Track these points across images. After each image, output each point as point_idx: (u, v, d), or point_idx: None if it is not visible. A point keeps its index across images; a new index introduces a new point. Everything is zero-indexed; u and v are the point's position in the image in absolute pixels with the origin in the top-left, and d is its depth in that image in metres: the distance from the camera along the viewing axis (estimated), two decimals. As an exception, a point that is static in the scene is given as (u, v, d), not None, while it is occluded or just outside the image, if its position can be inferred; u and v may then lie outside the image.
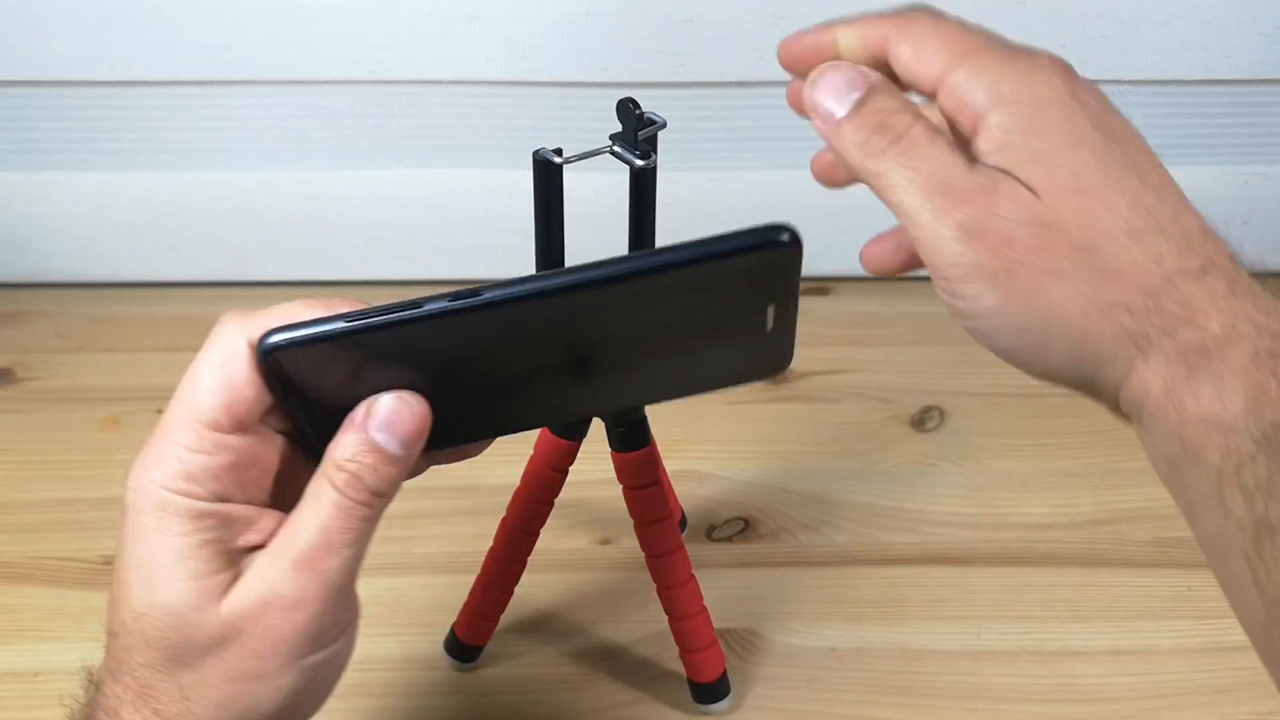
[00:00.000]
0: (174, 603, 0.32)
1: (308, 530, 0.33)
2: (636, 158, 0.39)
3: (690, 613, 0.51)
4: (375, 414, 0.33)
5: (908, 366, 0.75)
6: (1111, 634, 0.58)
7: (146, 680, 0.33)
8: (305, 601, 0.32)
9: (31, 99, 0.73)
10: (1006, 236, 0.31)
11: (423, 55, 0.71)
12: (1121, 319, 0.30)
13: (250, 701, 0.33)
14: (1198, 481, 0.29)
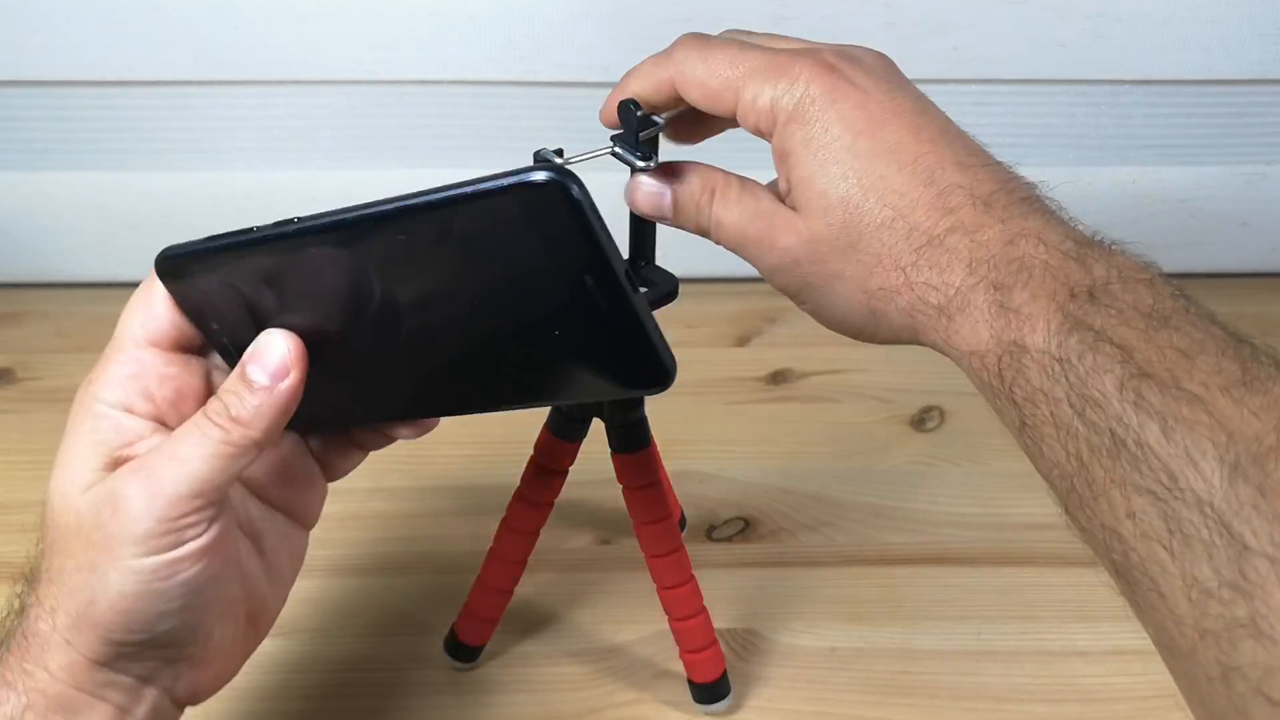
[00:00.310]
0: (54, 489, 0.37)
1: (167, 443, 0.36)
2: (638, 159, 0.39)
3: (690, 613, 0.51)
4: (251, 349, 0.37)
5: (908, 366, 0.75)
6: (1112, 634, 0.58)
7: (36, 564, 0.38)
8: (131, 499, 0.35)
9: (31, 99, 0.73)
10: (793, 260, 0.38)
11: (423, 55, 0.71)
12: (892, 299, 0.36)
13: (89, 593, 0.35)
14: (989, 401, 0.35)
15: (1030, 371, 0.32)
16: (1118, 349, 0.31)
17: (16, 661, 0.36)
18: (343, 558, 0.61)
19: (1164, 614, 0.30)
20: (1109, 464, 0.30)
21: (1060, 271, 0.33)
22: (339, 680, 0.56)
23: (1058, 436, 0.32)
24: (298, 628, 0.58)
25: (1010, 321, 0.33)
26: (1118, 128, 0.75)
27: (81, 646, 0.36)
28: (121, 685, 0.37)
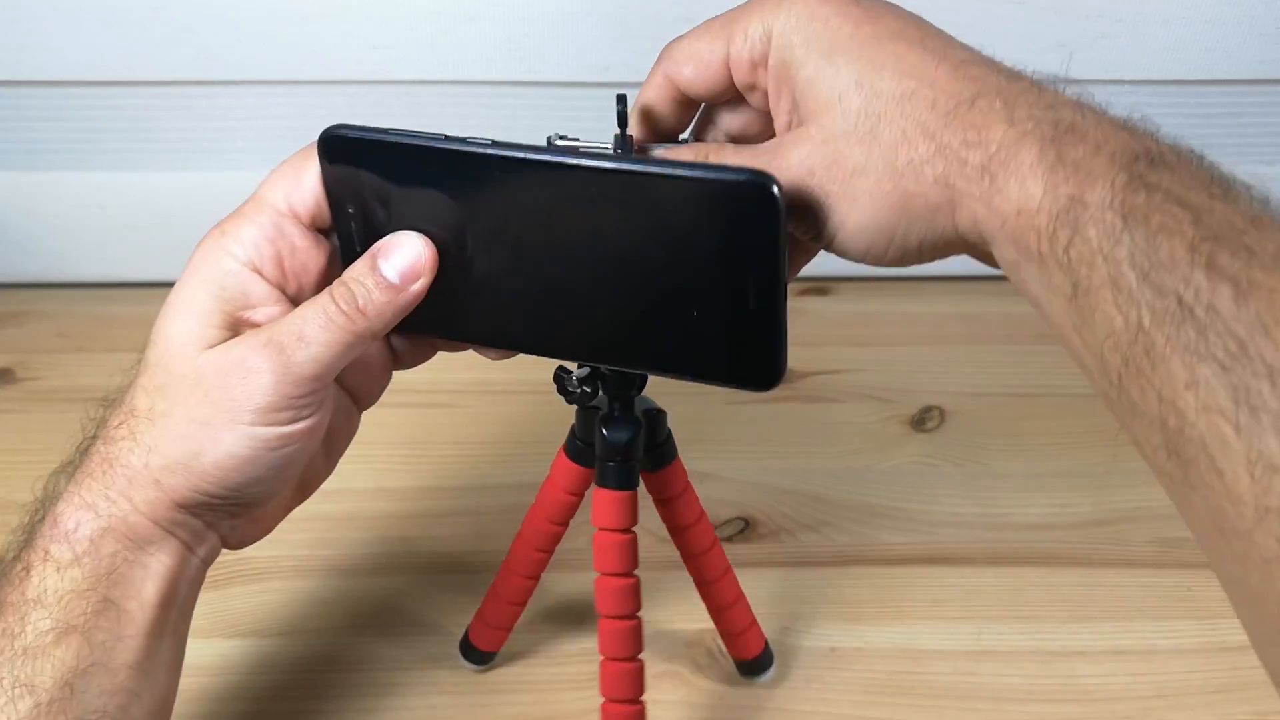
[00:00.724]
0: (172, 335, 0.38)
1: (291, 320, 0.38)
2: None
3: (730, 601, 0.52)
4: (386, 246, 0.38)
5: (908, 366, 0.75)
6: (1111, 634, 0.58)
7: (136, 398, 0.39)
8: (261, 372, 0.37)
9: (31, 99, 0.73)
10: (807, 170, 0.35)
11: (423, 55, 0.71)
12: (923, 171, 0.34)
13: (195, 446, 0.38)
14: (1031, 271, 0.32)
15: (1089, 230, 0.30)
16: (1188, 212, 0.29)
17: (99, 486, 0.38)
18: (343, 558, 0.61)
19: (1220, 493, 0.27)
20: (1172, 330, 0.28)
21: (1113, 134, 0.32)
22: (339, 680, 0.56)
23: (1116, 301, 0.30)
24: (297, 628, 0.58)
25: (1068, 176, 0.31)
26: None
27: (170, 489, 0.38)
28: (191, 526, 0.39)
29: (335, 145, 0.38)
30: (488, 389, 0.72)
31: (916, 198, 0.34)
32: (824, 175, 0.35)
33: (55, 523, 0.38)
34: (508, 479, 0.66)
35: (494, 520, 0.63)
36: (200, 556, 0.41)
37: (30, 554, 0.38)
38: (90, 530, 0.38)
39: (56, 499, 0.39)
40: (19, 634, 0.37)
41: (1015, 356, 0.76)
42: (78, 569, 0.37)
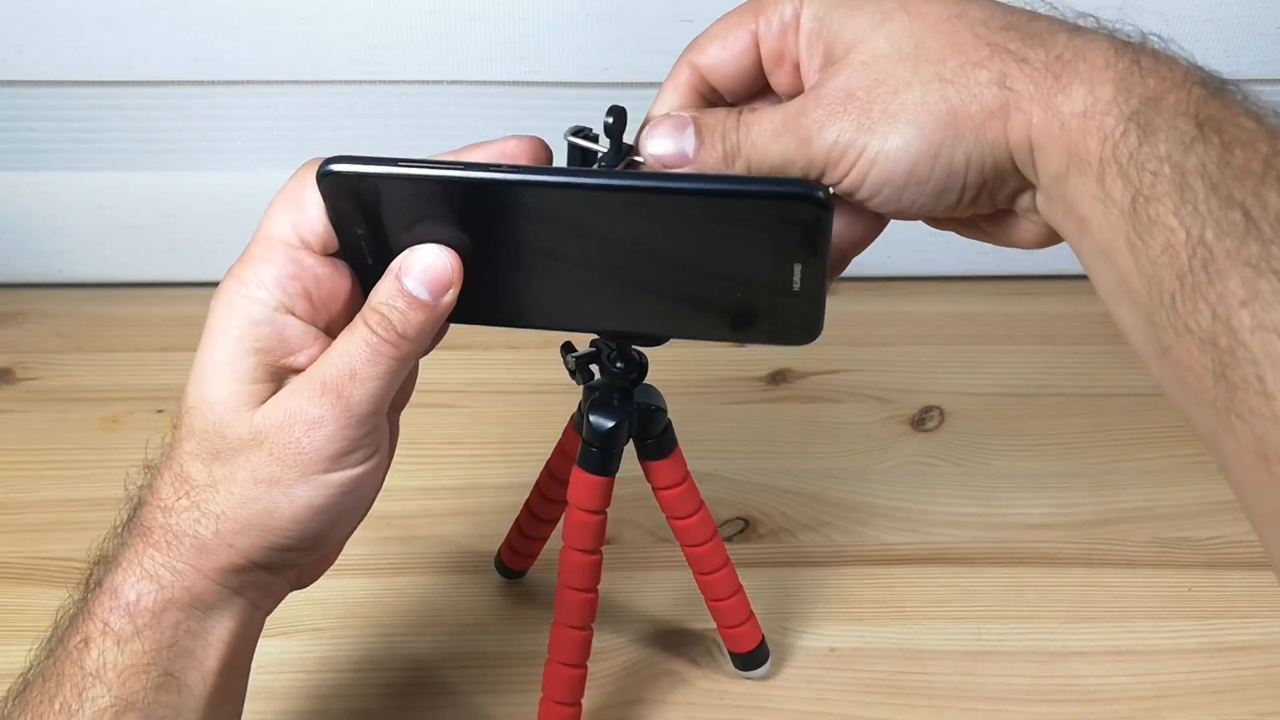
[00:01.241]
0: (217, 399, 0.37)
1: (337, 359, 0.37)
2: None
3: (729, 593, 0.52)
4: (410, 263, 0.37)
5: (908, 366, 0.75)
6: (1111, 634, 0.58)
7: (187, 466, 0.37)
8: (325, 421, 0.36)
9: (31, 99, 0.73)
10: (846, 94, 0.33)
11: (423, 55, 0.71)
12: (977, 75, 0.32)
13: (269, 504, 0.37)
14: (1084, 184, 0.31)
15: (1159, 136, 0.29)
16: (1263, 128, 0.28)
17: (163, 558, 0.37)
18: (343, 558, 0.61)
19: (1268, 418, 0.26)
20: (1234, 245, 0.27)
21: (1181, 56, 0.30)
22: (339, 680, 0.56)
23: (1179, 213, 0.28)
24: (297, 627, 0.58)
25: (1144, 80, 0.30)
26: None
27: (245, 550, 0.37)
28: (261, 582, 0.39)
29: (333, 179, 0.37)
30: (488, 389, 0.72)
31: (967, 105, 0.32)
32: (865, 96, 0.33)
33: (115, 594, 0.36)
34: (508, 479, 0.66)
35: (494, 520, 0.63)
36: (265, 609, 0.40)
37: (89, 625, 0.36)
38: (152, 602, 0.36)
39: (114, 568, 0.37)
40: (76, 711, 0.35)
41: (1015, 356, 0.76)
42: (138, 642, 0.36)
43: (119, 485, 0.57)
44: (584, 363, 0.45)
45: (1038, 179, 0.32)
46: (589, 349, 0.46)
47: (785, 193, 0.35)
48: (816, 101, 0.34)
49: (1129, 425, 0.70)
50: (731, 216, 0.36)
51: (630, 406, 0.46)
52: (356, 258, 0.39)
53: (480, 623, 0.59)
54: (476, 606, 0.59)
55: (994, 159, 0.33)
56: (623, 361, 0.45)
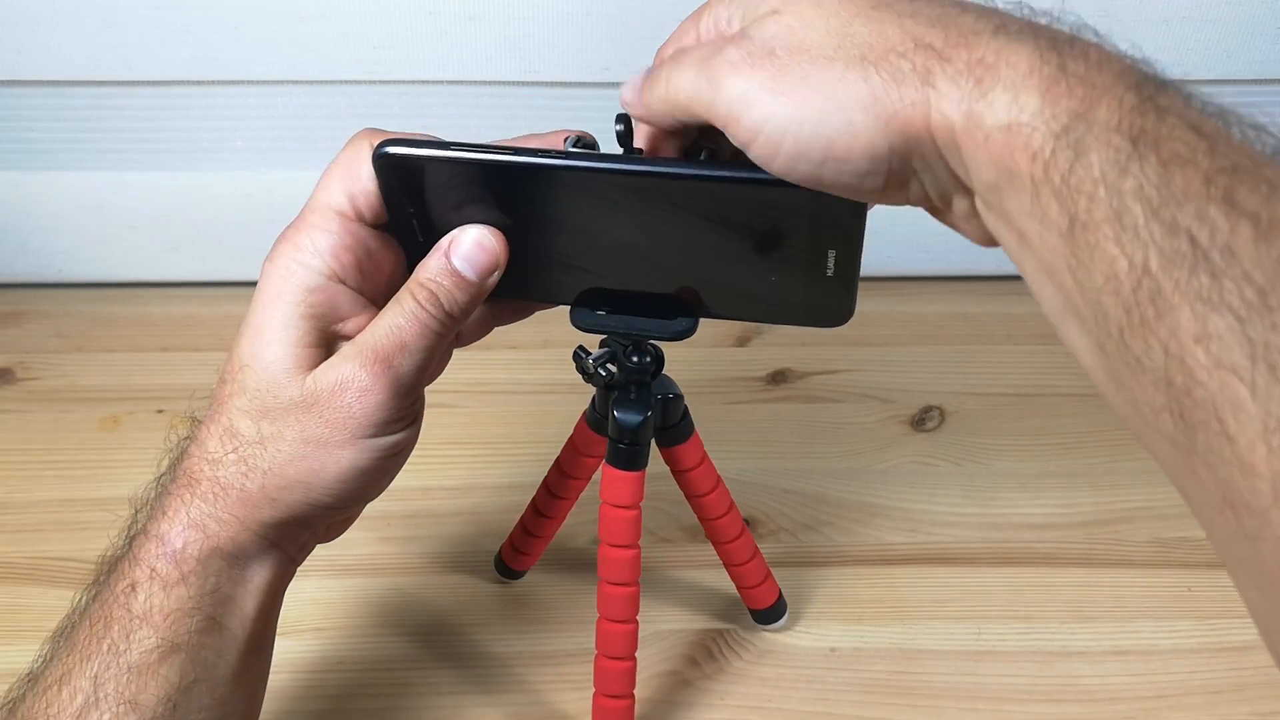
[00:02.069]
0: (271, 360, 0.38)
1: (386, 330, 0.38)
2: None
3: (747, 557, 0.55)
4: (458, 243, 0.39)
5: (908, 366, 0.75)
6: (1111, 634, 0.58)
7: (236, 421, 0.39)
8: (375, 390, 0.38)
9: (31, 99, 0.72)
10: (766, 51, 0.32)
11: (423, 55, 0.71)
12: (899, 64, 0.30)
13: (315, 464, 0.38)
14: (1019, 200, 0.28)
15: (1093, 155, 0.26)
16: (1203, 140, 0.26)
17: (208, 508, 0.38)
18: (343, 558, 0.61)
19: (1231, 464, 0.24)
20: (1182, 275, 0.25)
21: (1114, 54, 0.28)
22: (340, 680, 0.56)
23: (1119, 240, 0.26)
24: (298, 627, 0.58)
25: (1071, 89, 0.27)
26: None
27: (287, 506, 0.39)
28: (298, 536, 0.40)
29: (388, 160, 0.38)
30: (488, 389, 0.72)
31: (889, 93, 0.30)
32: (784, 58, 0.31)
33: (162, 540, 0.38)
34: (508, 479, 0.66)
35: (494, 520, 0.63)
36: (297, 562, 0.42)
37: (136, 570, 0.38)
38: (198, 550, 0.38)
39: (159, 516, 0.39)
40: (124, 651, 0.37)
41: (1015, 356, 0.76)
42: (183, 587, 0.38)
43: (119, 485, 0.58)
44: (601, 362, 0.46)
45: (972, 184, 0.31)
46: (602, 349, 0.46)
47: None
48: (736, 44, 0.32)
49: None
50: (772, 204, 0.37)
51: (651, 399, 0.47)
52: (405, 234, 0.40)
53: (481, 623, 0.59)
54: (477, 607, 0.59)
55: (920, 152, 0.31)
56: (639, 355, 0.45)
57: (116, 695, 0.37)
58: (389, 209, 0.39)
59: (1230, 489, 0.25)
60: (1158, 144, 0.26)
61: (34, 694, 0.37)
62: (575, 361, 0.46)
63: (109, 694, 0.37)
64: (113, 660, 0.37)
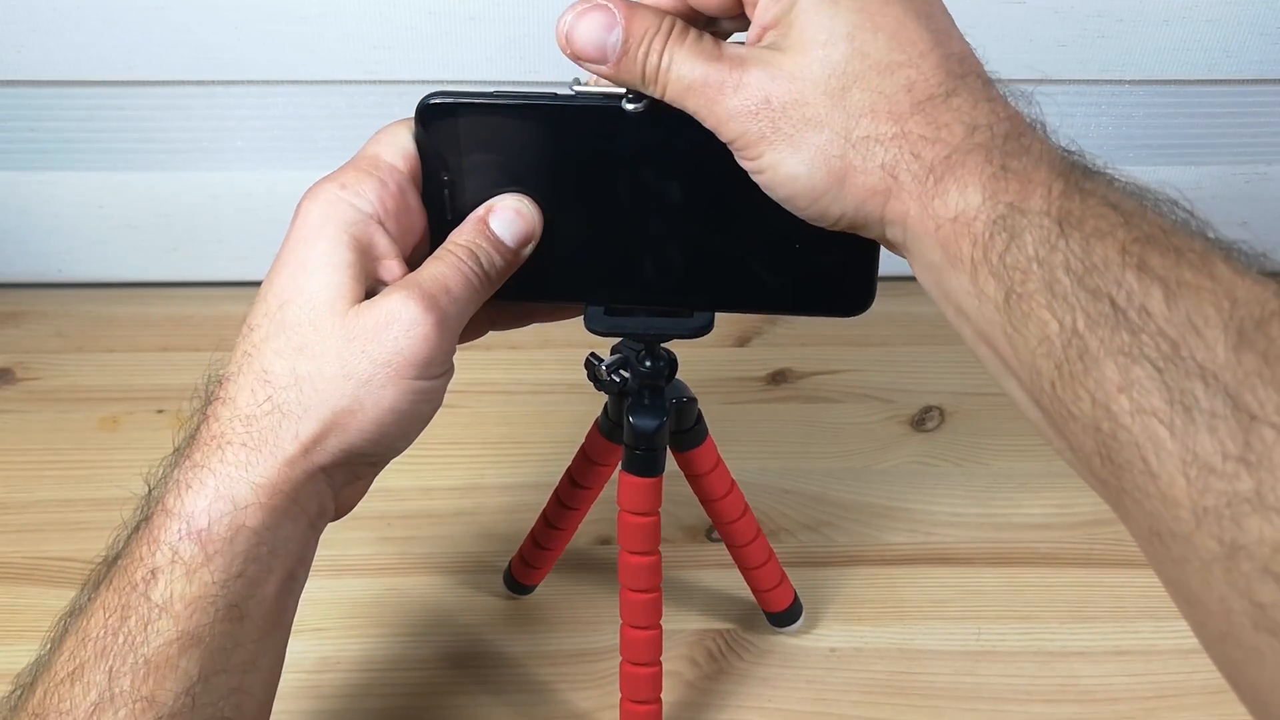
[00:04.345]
0: (316, 290, 0.37)
1: (431, 274, 0.38)
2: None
3: (762, 561, 0.55)
4: (497, 210, 0.40)
5: (908, 366, 0.75)
6: (1111, 634, 0.58)
7: (269, 365, 0.37)
8: (422, 324, 0.37)
9: (31, 99, 0.73)
10: (762, 98, 0.34)
11: (423, 55, 0.71)
12: (875, 151, 0.33)
13: (354, 402, 0.37)
14: (959, 279, 0.32)
15: (1026, 237, 0.31)
16: (1119, 214, 0.30)
17: (242, 474, 0.37)
18: (343, 558, 0.61)
19: (1155, 497, 0.27)
20: (1106, 333, 0.28)
21: (1058, 151, 0.32)
22: (340, 680, 0.56)
23: (1050, 306, 0.30)
24: (299, 628, 0.57)
25: (1009, 184, 0.31)
26: (1118, 128, 0.75)
27: (319, 453, 0.37)
28: (322, 494, 0.39)
29: (433, 112, 0.38)
30: (488, 389, 0.72)
31: (858, 174, 0.34)
32: (780, 112, 0.34)
33: (188, 519, 0.36)
34: (508, 479, 0.66)
35: (495, 521, 0.63)
36: (318, 530, 0.40)
37: (157, 554, 0.36)
38: (224, 527, 0.36)
39: (182, 491, 0.37)
40: (141, 644, 0.36)
41: (1015, 356, 0.76)
42: (207, 571, 0.36)
43: (119, 485, 0.58)
44: (615, 369, 0.45)
45: (911, 257, 0.35)
46: (614, 356, 0.46)
47: None
48: (735, 88, 0.34)
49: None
50: None
51: (665, 404, 0.46)
52: (436, 203, 0.40)
53: (481, 623, 0.59)
54: (477, 607, 0.59)
55: (868, 223, 0.35)
56: (652, 360, 0.45)
57: (133, 691, 0.35)
58: (425, 172, 0.39)
59: (1156, 519, 0.28)
60: (1081, 222, 0.30)
61: (45, 686, 0.36)
62: (587, 369, 0.46)
63: (124, 690, 0.35)
64: (129, 653, 0.35)
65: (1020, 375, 0.32)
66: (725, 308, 0.42)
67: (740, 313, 0.43)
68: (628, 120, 0.37)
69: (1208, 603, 0.28)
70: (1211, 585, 0.27)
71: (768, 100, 0.34)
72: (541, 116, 0.38)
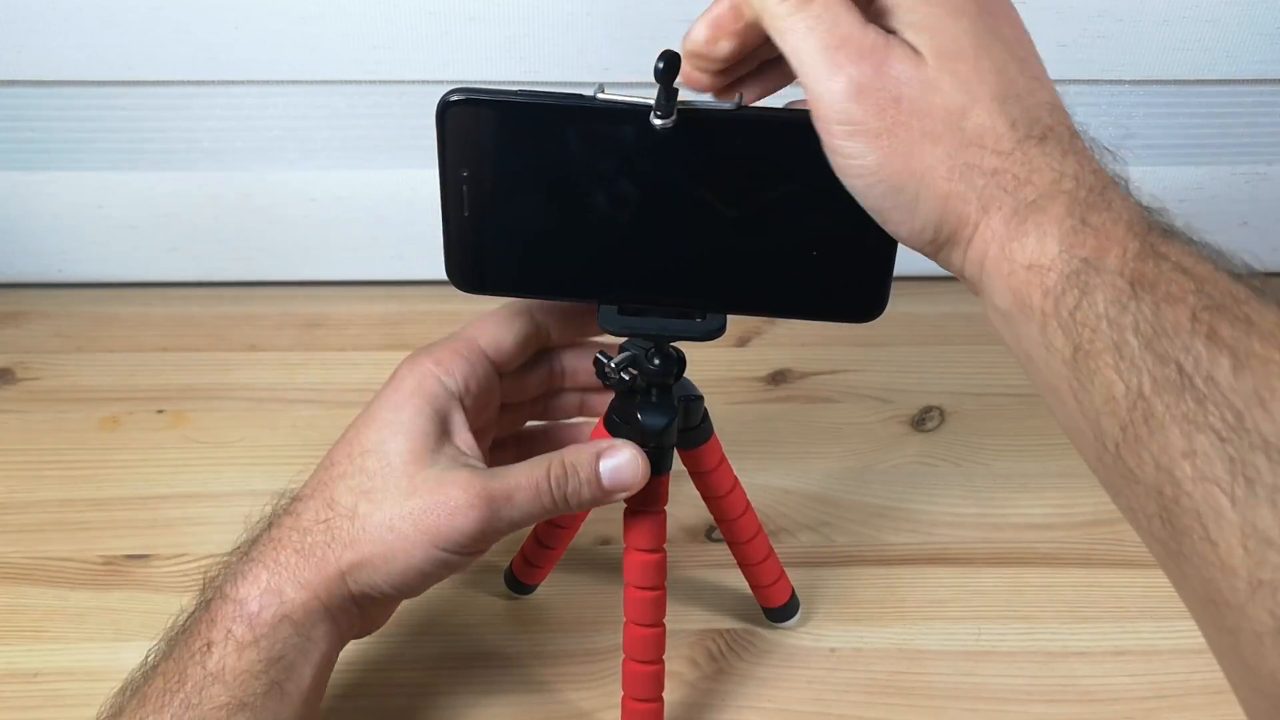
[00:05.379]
0: (394, 451, 0.43)
1: (510, 480, 0.43)
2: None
3: (762, 557, 0.55)
4: (613, 453, 0.45)
5: (908, 366, 0.75)
6: (1111, 634, 0.58)
7: (338, 495, 0.43)
8: (470, 520, 0.42)
9: (31, 99, 0.72)
10: (894, 96, 0.33)
11: (423, 55, 0.71)
12: (977, 181, 0.33)
13: (389, 551, 0.42)
14: (1028, 329, 0.33)
15: (1098, 294, 0.31)
16: (1191, 280, 0.30)
17: (289, 575, 0.43)
18: (343, 558, 0.61)
19: (1214, 564, 0.28)
20: (1171, 399, 0.29)
21: (1136, 207, 0.33)
22: (339, 680, 0.56)
23: (1117, 367, 0.30)
24: (298, 628, 0.57)
25: (1086, 239, 0.32)
26: (1118, 128, 0.75)
27: (352, 582, 0.43)
28: (351, 614, 0.44)
29: (455, 109, 0.39)
30: (488, 389, 0.72)
31: (956, 200, 0.34)
32: (905, 113, 0.33)
33: (241, 604, 0.42)
34: (508, 479, 0.66)
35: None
36: (342, 644, 0.45)
37: (213, 631, 0.42)
38: (272, 615, 0.42)
39: (240, 580, 0.43)
40: (196, 704, 0.41)
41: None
42: (254, 651, 0.41)
43: (119, 485, 0.58)
44: (623, 367, 0.46)
45: (983, 296, 0.35)
46: (622, 354, 0.46)
47: None
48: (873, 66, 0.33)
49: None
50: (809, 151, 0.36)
51: (673, 401, 0.47)
52: (454, 200, 0.41)
53: (482, 623, 0.59)
54: (478, 606, 0.59)
55: (940, 250, 0.36)
56: (661, 358, 0.45)
57: None
58: (443, 167, 0.40)
59: (1212, 587, 0.28)
60: (1154, 285, 0.30)
61: None
62: (596, 367, 0.46)
63: None
64: (184, 712, 0.40)
65: (1085, 430, 0.32)
66: (739, 310, 0.43)
67: (754, 315, 0.43)
68: (651, 128, 0.38)
69: (1259, 676, 0.28)
70: (1264, 658, 0.27)
71: (898, 100, 0.33)
72: (565, 118, 0.39)
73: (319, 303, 0.80)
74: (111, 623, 0.58)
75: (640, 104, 0.38)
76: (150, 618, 0.58)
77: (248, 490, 0.65)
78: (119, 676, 0.45)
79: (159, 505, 0.64)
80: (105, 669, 0.55)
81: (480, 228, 0.42)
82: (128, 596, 0.59)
